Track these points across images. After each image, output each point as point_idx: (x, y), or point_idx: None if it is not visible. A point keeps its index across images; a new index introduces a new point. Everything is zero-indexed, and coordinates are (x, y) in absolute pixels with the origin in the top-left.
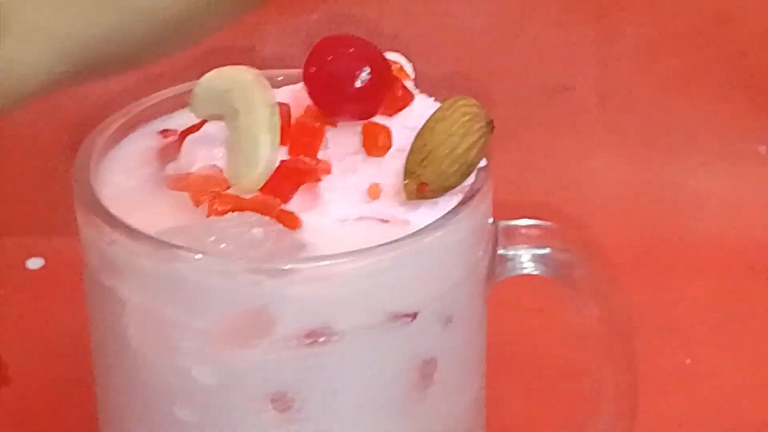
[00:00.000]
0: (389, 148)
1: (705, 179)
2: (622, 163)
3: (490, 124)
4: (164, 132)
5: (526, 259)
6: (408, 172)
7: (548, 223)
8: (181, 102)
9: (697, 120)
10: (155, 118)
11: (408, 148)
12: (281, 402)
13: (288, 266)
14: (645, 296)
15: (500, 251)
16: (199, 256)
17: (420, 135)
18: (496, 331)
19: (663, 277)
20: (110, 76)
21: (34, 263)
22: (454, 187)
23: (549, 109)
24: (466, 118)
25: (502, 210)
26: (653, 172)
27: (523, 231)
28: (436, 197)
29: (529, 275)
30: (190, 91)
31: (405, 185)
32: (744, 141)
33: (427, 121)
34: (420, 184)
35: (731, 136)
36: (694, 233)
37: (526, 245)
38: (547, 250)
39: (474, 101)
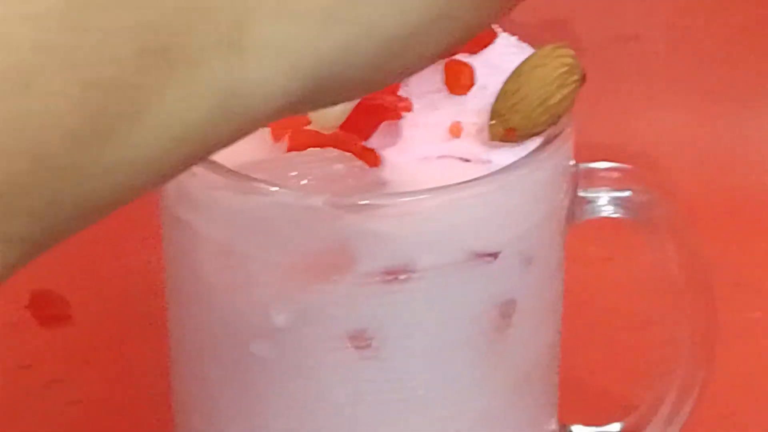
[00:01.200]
0: (472, 86)
1: None
2: (690, 114)
3: (583, 77)
4: None
5: (605, 202)
6: (496, 114)
7: (627, 166)
8: None
9: (766, 72)
10: None
11: (491, 87)
12: (360, 339)
13: (369, 202)
14: (716, 248)
15: (580, 193)
16: (279, 189)
17: (514, 79)
18: (572, 277)
19: (734, 230)
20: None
21: None
22: (540, 134)
23: (617, 58)
24: (564, 69)
25: (577, 153)
26: (721, 124)
27: (602, 174)
28: (520, 142)
29: (608, 218)
30: None
31: (491, 126)
32: None
33: (523, 66)
34: (508, 129)
35: None
36: (763, 185)
37: (606, 187)
38: (627, 193)
39: (571, 51)
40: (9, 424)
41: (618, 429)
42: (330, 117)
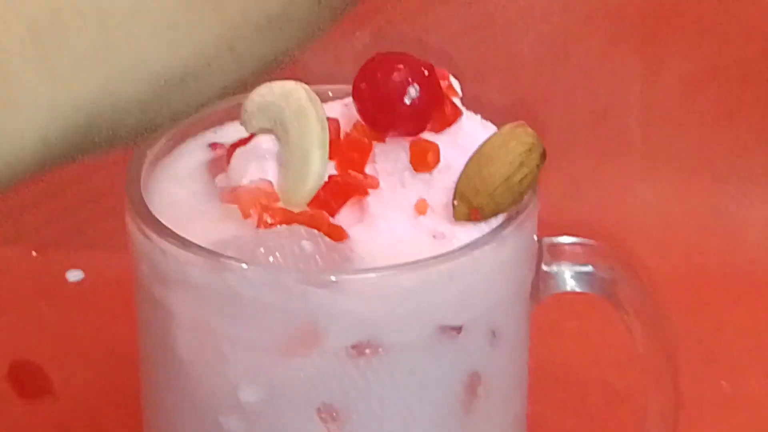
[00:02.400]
0: (437, 164)
1: (747, 208)
2: (665, 190)
3: (544, 155)
4: (214, 145)
5: (569, 276)
6: (460, 195)
7: (591, 241)
8: (230, 115)
9: (739, 149)
10: (205, 130)
11: (456, 164)
12: (328, 414)
13: (336, 278)
14: (686, 321)
15: (544, 268)
16: (248, 266)
17: (475, 160)
18: (542, 350)
19: (704, 303)
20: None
21: (74, 276)
22: (504, 212)
23: (592, 136)
24: (524, 148)
25: (545, 230)
26: (695, 200)
27: (567, 248)
28: (484, 221)
29: (572, 293)
30: (240, 105)
31: (455, 207)
32: None
33: (484, 146)
34: (472, 209)
35: None
36: (735, 261)
37: (569, 262)
38: (589, 268)
39: (531, 130)
40: None
41: None
42: (298, 195)
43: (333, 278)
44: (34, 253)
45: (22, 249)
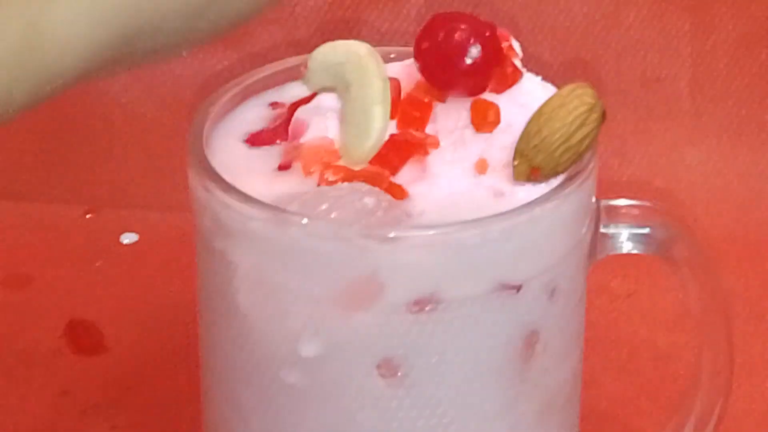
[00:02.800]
0: (497, 124)
1: None
2: (714, 153)
3: (604, 115)
4: (275, 104)
5: (626, 238)
6: (519, 154)
7: (648, 203)
8: (291, 75)
9: None
10: (267, 90)
11: (516, 124)
12: (387, 368)
13: (398, 234)
14: (737, 282)
15: (602, 229)
16: (310, 221)
17: (535, 119)
18: (596, 310)
19: (754, 264)
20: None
21: (129, 238)
22: (563, 172)
23: (642, 98)
24: (584, 107)
25: (598, 191)
26: (744, 162)
27: (623, 210)
28: (544, 181)
29: (629, 254)
30: (300, 64)
31: (515, 166)
32: None
33: (544, 106)
34: (532, 168)
35: None
36: None
37: (626, 223)
38: (646, 229)
39: (591, 91)
40: None
41: None
42: (360, 152)
43: (394, 234)
44: (88, 216)
45: (77, 209)
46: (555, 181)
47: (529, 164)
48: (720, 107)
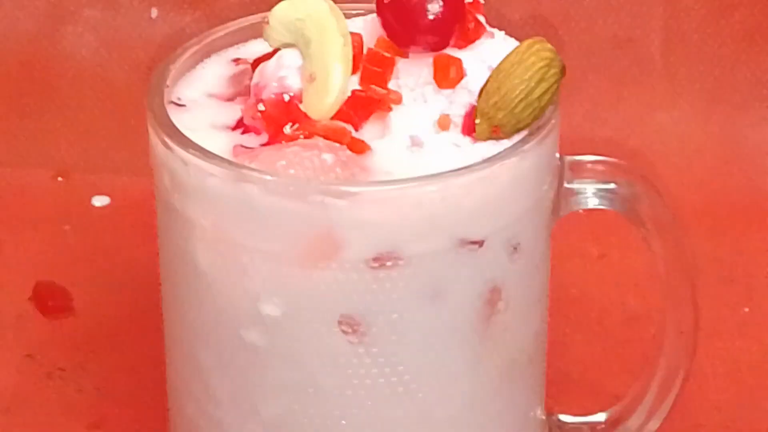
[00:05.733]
0: (460, 80)
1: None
2: (687, 116)
3: (563, 70)
4: (237, 60)
5: (591, 193)
6: (480, 113)
7: (614, 159)
8: (253, 32)
9: (761, 75)
10: (228, 47)
11: (479, 80)
12: (348, 325)
13: (356, 189)
14: (706, 245)
15: (566, 185)
16: (269, 177)
17: (494, 77)
18: (563, 271)
19: (724, 227)
20: None
21: (100, 201)
22: (525, 128)
23: (615, 60)
24: (542, 63)
25: (566, 152)
26: (717, 126)
27: (588, 166)
28: (506, 138)
29: (600, 214)
30: (262, 21)
31: (477, 125)
32: None
33: (502, 63)
34: (493, 126)
35: None
36: (756, 186)
37: (591, 179)
38: (611, 185)
39: (549, 46)
40: (15, 411)
41: (603, 419)
42: (321, 108)
43: (353, 189)
44: (59, 178)
45: (48, 173)
46: (517, 137)
47: (490, 122)
48: (693, 70)
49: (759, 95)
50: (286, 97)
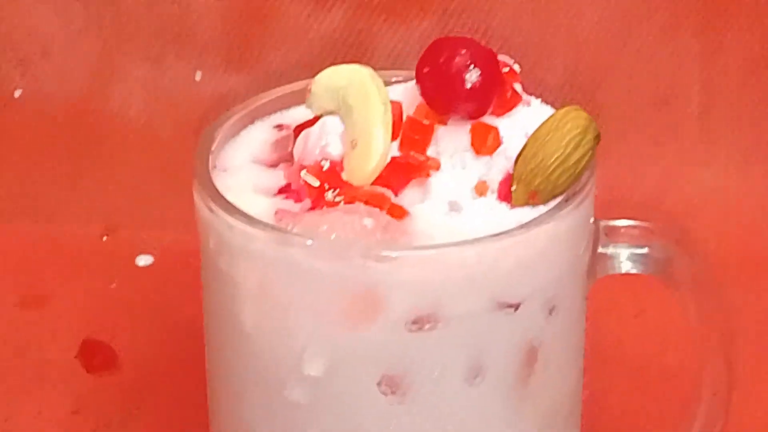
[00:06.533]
0: (497, 147)
1: None
2: (724, 175)
3: (598, 137)
4: (280, 126)
5: (625, 258)
6: (518, 179)
7: (647, 223)
8: (297, 99)
9: None
10: (272, 113)
11: (515, 148)
12: (388, 385)
13: (396, 253)
14: (745, 304)
15: (601, 249)
16: (312, 241)
17: (531, 144)
18: (595, 330)
19: (763, 287)
20: None
21: (144, 260)
22: (561, 194)
23: (652, 119)
24: (578, 130)
25: (604, 211)
26: (753, 185)
27: (623, 230)
28: (543, 203)
29: (629, 275)
30: (305, 88)
31: (514, 191)
32: None
33: (539, 131)
34: (530, 192)
35: None
36: None
37: (625, 243)
38: (645, 249)
39: (585, 113)
40: None
41: None
42: (362, 174)
43: (393, 253)
44: (104, 237)
45: (94, 230)
46: (553, 203)
47: (527, 188)
48: (729, 130)
49: None
50: (328, 164)
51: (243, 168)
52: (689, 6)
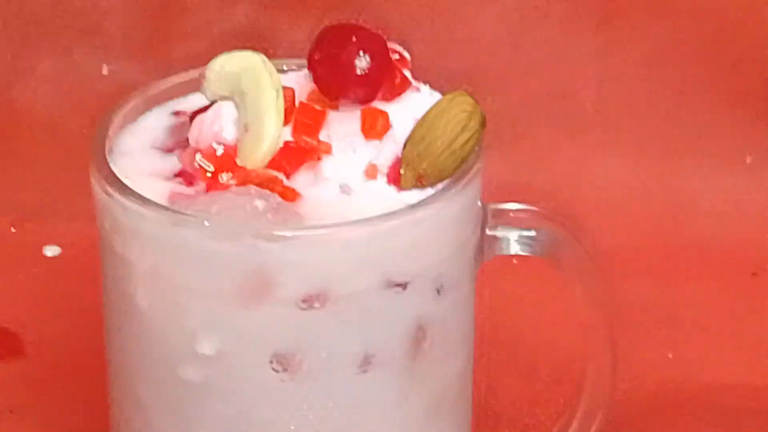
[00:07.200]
0: (386, 131)
1: (699, 183)
2: (619, 168)
3: (484, 122)
4: (177, 112)
5: (513, 240)
6: (406, 162)
7: (535, 207)
8: (193, 87)
9: (691, 128)
10: (169, 99)
11: (404, 132)
12: (279, 363)
13: (286, 233)
14: (636, 291)
15: (488, 231)
16: (204, 221)
17: (418, 127)
18: (489, 315)
19: (656, 275)
20: None
21: (52, 251)
22: (448, 177)
23: (551, 113)
24: (464, 114)
25: (506, 200)
26: (650, 176)
27: (511, 214)
28: (431, 186)
29: (516, 256)
30: (201, 76)
31: (402, 174)
32: (734, 150)
33: (426, 115)
34: (418, 175)
35: (723, 144)
36: (686, 235)
37: (512, 226)
38: (532, 232)
39: (470, 98)
40: None
41: None
42: (254, 157)
43: (283, 233)
44: (12, 229)
45: (2, 222)
46: (440, 185)
47: (415, 171)
48: (625, 123)
49: (688, 146)
50: (222, 148)
51: (140, 153)
52: (585, 3)
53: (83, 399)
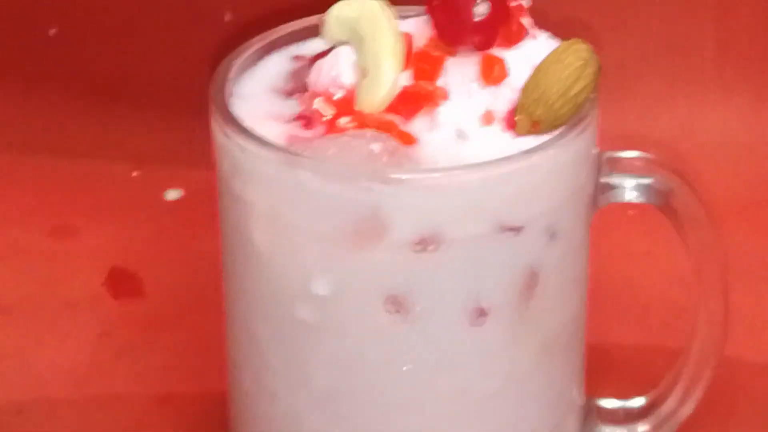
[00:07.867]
0: (504, 78)
1: None
2: (735, 121)
3: (599, 70)
4: (297, 57)
5: (628, 187)
6: (521, 109)
7: (650, 155)
8: (313, 31)
9: None
10: (289, 44)
11: (521, 79)
12: (393, 304)
13: (401, 175)
14: (749, 242)
15: (603, 179)
16: (320, 163)
17: (534, 75)
18: (603, 265)
19: (758, 220)
20: None
21: (172, 195)
22: (563, 124)
23: (666, 65)
24: (580, 62)
25: (607, 142)
26: (765, 131)
27: (626, 161)
28: (546, 133)
29: (630, 204)
30: (321, 21)
31: (518, 120)
32: None
33: (542, 63)
34: (533, 122)
35: None
36: None
37: (627, 173)
38: (648, 180)
39: (587, 46)
40: (88, 386)
41: (640, 404)
42: (372, 101)
43: (398, 176)
44: (134, 173)
45: (124, 166)
46: (555, 132)
47: (530, 117)
48: (742, 76)
49: None
50: (340, 92)
51: (259, 96)
52: None
53: (199, 337)
